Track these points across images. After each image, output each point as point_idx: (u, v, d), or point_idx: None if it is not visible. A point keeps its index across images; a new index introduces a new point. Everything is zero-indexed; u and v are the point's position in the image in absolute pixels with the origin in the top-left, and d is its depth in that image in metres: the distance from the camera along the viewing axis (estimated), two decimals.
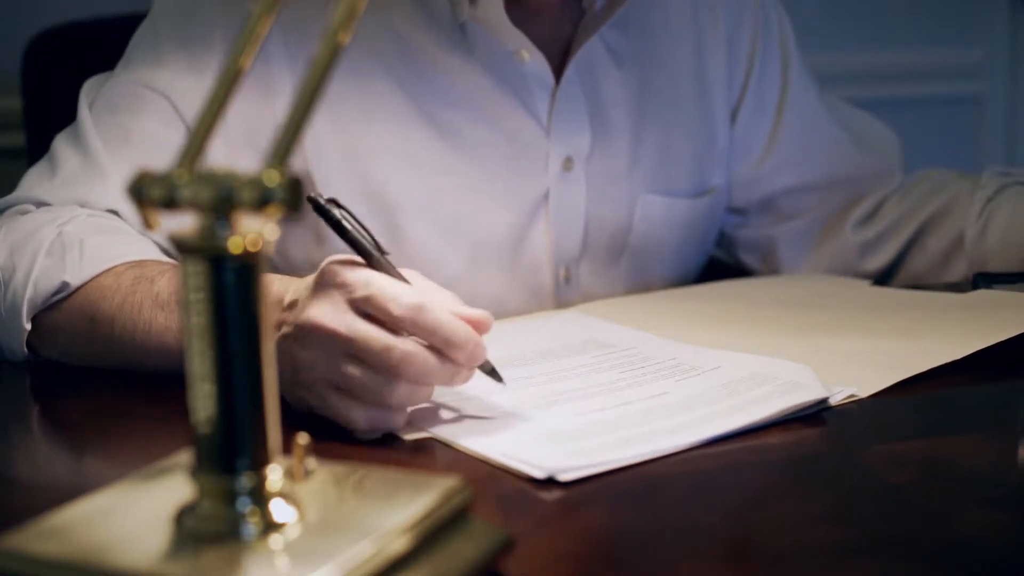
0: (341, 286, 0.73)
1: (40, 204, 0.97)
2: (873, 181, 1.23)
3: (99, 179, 0.97)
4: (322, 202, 0.75)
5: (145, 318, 0.85)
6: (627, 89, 1.12)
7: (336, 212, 0.76)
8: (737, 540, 0.61)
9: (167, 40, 1.01)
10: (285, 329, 0.75)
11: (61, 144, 1.00)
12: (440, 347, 0.72)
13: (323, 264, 0.75)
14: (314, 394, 0.74)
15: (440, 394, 0.79)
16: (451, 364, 0.73)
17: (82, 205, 0.95)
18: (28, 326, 0.89)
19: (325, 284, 0.74)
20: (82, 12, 1.39)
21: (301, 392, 0.75)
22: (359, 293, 0.72)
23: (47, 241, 0.90)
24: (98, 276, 0.88)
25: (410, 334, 0.72)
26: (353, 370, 0.72)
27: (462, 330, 0.73)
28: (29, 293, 0.88)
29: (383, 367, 0.71)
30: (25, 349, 0.91)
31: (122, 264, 0.88)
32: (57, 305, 0.89)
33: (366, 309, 0.72)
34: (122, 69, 1.02)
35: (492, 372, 0.78)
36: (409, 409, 0.74)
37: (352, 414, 0.72)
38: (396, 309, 0.71)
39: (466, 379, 0.75)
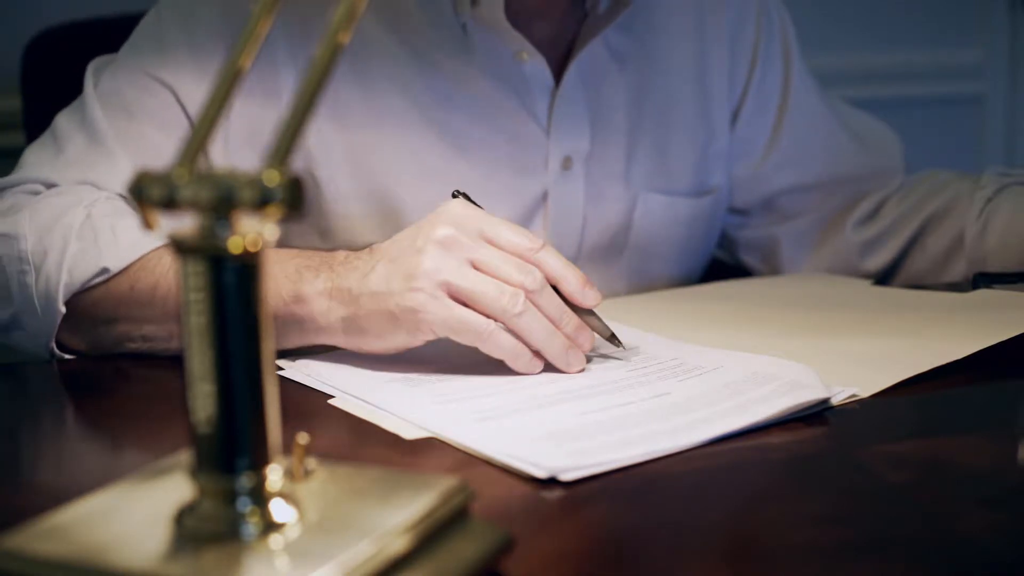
0: (472, 219, 0.82)
1: (48, 184, 0.96)
2: (874, 181, 1.23)
3: (107, 161, 0.97)
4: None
5: None
6: (628, 89, 1.12)
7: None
8: (737, 540, 0.61)
9: (173, 34, 1.01)
10: (389, 252, 0.83)
11: (65, 124, 1.00)
12: (556, 278, 0.82)
13: (443, 205, 0.83)
14: (425, 295, 0.80)
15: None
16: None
17: (94, 187, 0.96)
18: (63, 309, 0.89)
19: (453, 216, 0.82)
20: (82, 12, 1.39)
21: (404, 299, 0.80)
22: (492, 226, 0.82)
23: (76, 224, 0.90)
24: (139, 259, 0.89)
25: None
26: (477, 276, 0.80)
27: (576, 269, 0.83)
28: (65, 279, 0.89)
29: (511, 274, 0.80)
30: (54, 339, 0.90)
31: (163, 245, 0.89)
32: (94, 288, 0.89)
33: (498, 235, 0.81)
34: (128, 54, 1.02)
35: (612, 338, 0.85)
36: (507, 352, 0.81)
37: (467, 314, 0.80)
38: (527, 237, 0.82)
39: (577, 329, 0.83)
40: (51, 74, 1.32)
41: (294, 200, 0.47)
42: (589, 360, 0.85)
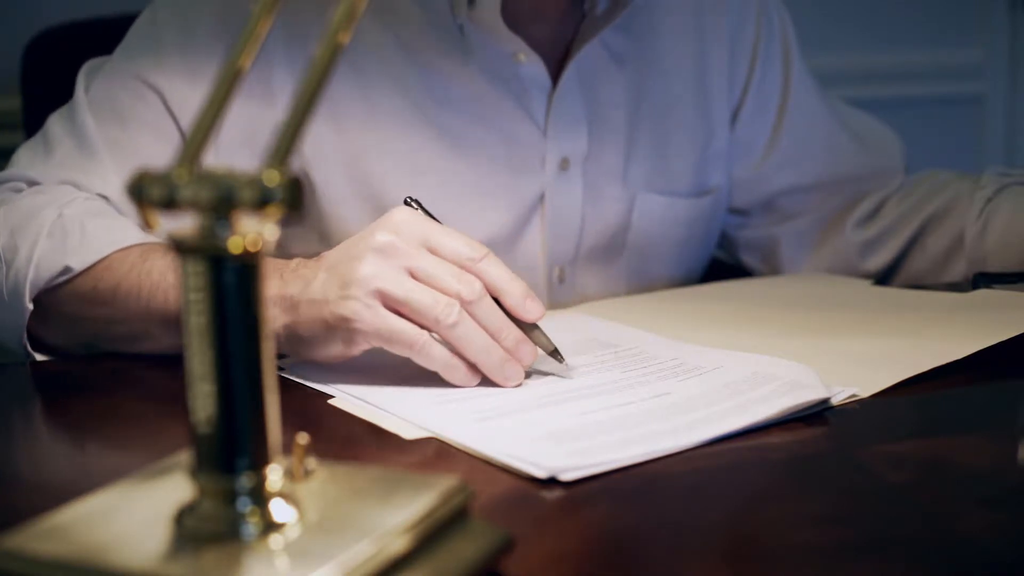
0: (415, 226, 0.79)
1: (32, 183, 0.98)
2: (874, 181, 1.23)
3: (93, 164, 0.98)
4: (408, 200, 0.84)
5: (154, 280, 0.86)
6: (626, 90, 1.12)
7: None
8: (737, 540, 0.61)
9: (170, 35, 1.01)
10: (331, 259, 0.80)
11: (56, 125, 1.01)
12: (497, 290, 0.79)
13: (388, 212, 0.81)
14: (359, 303, 0.77)
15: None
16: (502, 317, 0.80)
17: (75, 187, 0.97)
18: (30, 305, 0.90)
19: (395, 224, 0.79)
20: (82, 12, 1.39)
21: (338, 307, 0.78)
22: (434, 234, 0.79)
23: (48, 223, 0.91)
24: (102, 259, 0.89)
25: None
26: (413, 284, 0.77)
27: (519, 280, 0.81)
28: (31, 275, 0.89)
29: (448, 285, 0.78)
30: (25, 334, 0.91)
31: (128, 246, 0.90)
32: (60, 286, 0.90)
33: (440, 244, 0.79)
34: (121, 57, 1.03)
35: (555, 353, 0.82)
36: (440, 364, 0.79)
37: (399, 324, 0.77)
38: (470, 246, 0.79)
39: (518, 343, 0.80)
40: (51, 74, 1.32)
41: (294, 200, 0.47)
42: (528, 375, 0.82)
